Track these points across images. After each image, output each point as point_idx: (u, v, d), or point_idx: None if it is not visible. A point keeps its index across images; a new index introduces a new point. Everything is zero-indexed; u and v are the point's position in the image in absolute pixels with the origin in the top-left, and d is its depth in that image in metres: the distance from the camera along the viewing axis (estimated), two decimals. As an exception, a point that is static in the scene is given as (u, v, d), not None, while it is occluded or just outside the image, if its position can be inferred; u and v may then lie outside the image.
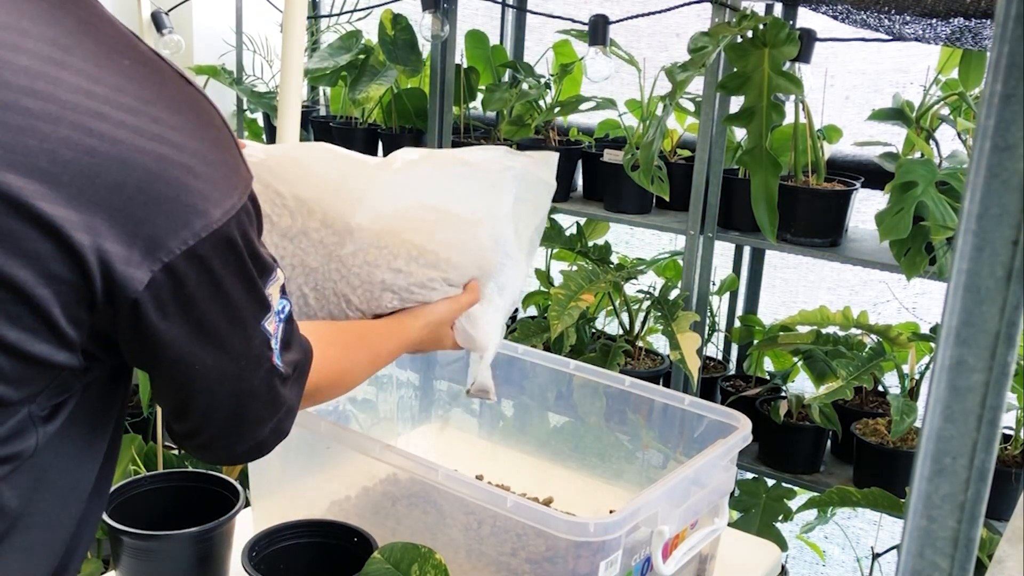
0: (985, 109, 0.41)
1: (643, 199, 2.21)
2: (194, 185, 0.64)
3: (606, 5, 2.51)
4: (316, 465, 1.28)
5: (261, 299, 0.73)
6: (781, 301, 2.57)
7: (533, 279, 2.56)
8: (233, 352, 0.72)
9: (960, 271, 0.43)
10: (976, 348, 0.43)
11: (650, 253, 2.57)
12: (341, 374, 0.95)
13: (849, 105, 2.36)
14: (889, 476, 1.90)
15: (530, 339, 2.06)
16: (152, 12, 2.62)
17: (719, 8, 1.95)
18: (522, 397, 1.51)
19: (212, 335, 0.70)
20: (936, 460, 0.44)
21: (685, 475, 1.12)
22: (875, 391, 2.13)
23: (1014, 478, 1.79)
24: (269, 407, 0.78)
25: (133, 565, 1.08)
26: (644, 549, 1.09)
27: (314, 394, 0.88)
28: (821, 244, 2.01)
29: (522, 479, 1.43)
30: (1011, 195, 0.41)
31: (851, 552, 2.39)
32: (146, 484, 1.16)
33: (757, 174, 1.91)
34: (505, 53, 2.58)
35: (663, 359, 2.20)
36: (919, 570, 0.46)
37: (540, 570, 1.06)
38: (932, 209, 1.73)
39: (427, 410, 1.59)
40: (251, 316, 0.72)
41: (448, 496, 1.11)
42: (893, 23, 1.74)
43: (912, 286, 2.21)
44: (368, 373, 1.03)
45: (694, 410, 1.31)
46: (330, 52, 2.56)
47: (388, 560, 1.00)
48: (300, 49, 1.58)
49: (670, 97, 1.90)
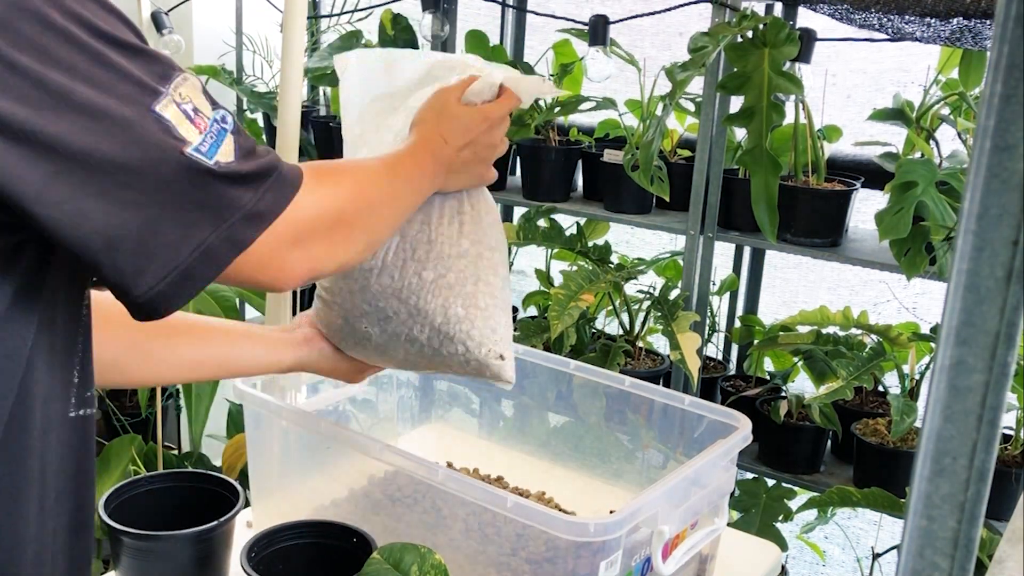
0: (985, 109, 0.41)
1: (643, 199, 2.21)
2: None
3: (607, 5, 2.51)
4: (316, 465, 1.28)
5: (124, 73, 0.67)
6: (781, 301, 2.57)
7: (533, 279, 2.56)
8: (106, 126, 0.66)
9: (960, 271, 0.43)
10: (976, 348, 0.43)
11: (650, 253, 2.57)
12: (363, 195, 0.86)
13: (849, 105, 2.36)
14: (889, 476, 1.90)
15: (530, 339, 2.06)
16: (152, 12, 2.62)
17: (719, 8, 1.95)
18: (522, 397, 1.51)
19: (62, 96, 0.64)
20: (936, 460, 0.44)
21: (685, 475, 1.12)
22: (875, 391, 2.13)
23: (1014, 478, 1.79)
24: (205, 209, 0.70)
25: (133, 565, 1.08)
26: (644, 549, 1.09)
27: (340, 220, 0.82)
28: (821, 244, 2.01)
29: (522, 479, 1.43)
30: (1011, 195, 0.41)
31: (851, 552, 2.39)
32: (146, 484, 1.16)
33: (757, 174, 1.91)
34: (505, 53, 2.58)
35: (663, 359, 2.20)
36: (919, 570, 0.46)
37: (540, 570, 1.06)
38: (932, 209, 1.73)
39: (427, 410, 1.59)
40: (116, 90, 0.66)
41: (448, 496, 1.11)
42: (893, 23, 1.74)
43: (912, 286, 2.21)
44: (402, 200, 0.93)
45: (694, 410, 1.31)
46: (330, 52, 2.56)
47: (387, 560, 1.00)
48: (300, 49, 1.58)
49: (670, 97, 1.90)
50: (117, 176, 0.66)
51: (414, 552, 1.00)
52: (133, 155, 0.66)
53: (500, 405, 1.58)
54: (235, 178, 0.72)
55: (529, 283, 2.68)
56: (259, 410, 1.26)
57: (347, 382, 1.22)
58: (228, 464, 1.85)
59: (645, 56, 2.26)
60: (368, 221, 0.87)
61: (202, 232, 0.70)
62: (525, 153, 2.37)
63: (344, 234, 0.83)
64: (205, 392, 2.17)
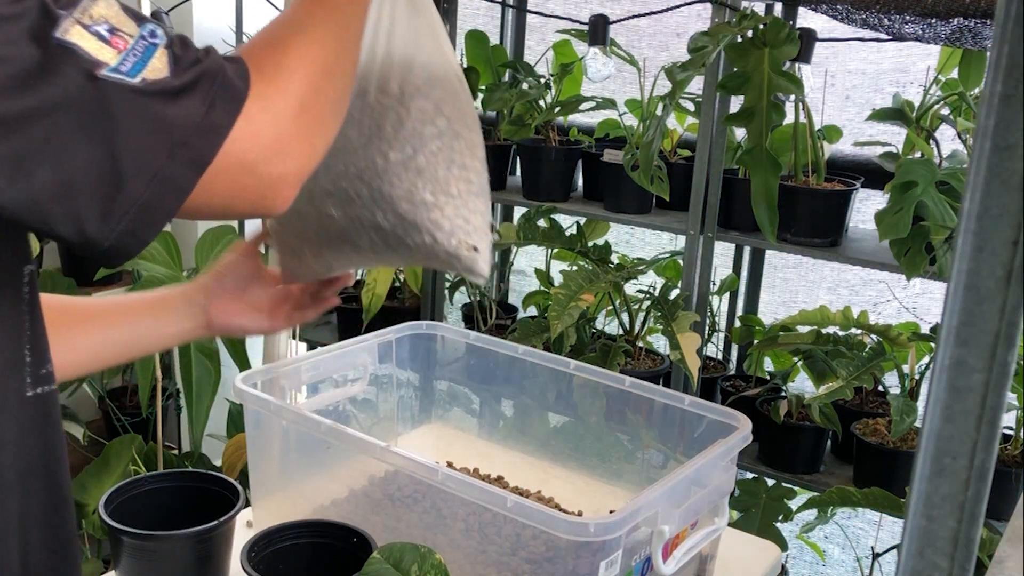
0: (985, 109, 0.41)
1: (643, 199, 2.21)
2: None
3: (606, 5, 2.51)
4: (316, 465, 1.28)
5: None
6: (781, 301, 2.57)
7: (533, 279, 2.56)
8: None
9: (960, 271, 0.43)
10: (976, 348, 0.43)
11: (650, 253, 2.57)
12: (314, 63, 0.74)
13: (849, 105, 2.36)
14: (889, 476, 1.90)
15: (530, 339, 2.06)
16: (152, 12, 2.62)
17: (719, 8, 1.95)
18: (522, 397, 1.51)
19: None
20: (936, 460, 0.44)
21: (685, 475, 1.12)
22: (875, 391, 2.13)
23: (1014, 478, 1.79)
24: (150, 133, 0.64)
25: (133, 565, 1.08)
26: (644, 549, 1.09)
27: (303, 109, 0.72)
28: (821, 244, 2.01)
29: (522, 479, 1.43)
30: (1011, 195, 0.41)
31: (851, 552, 2.39)
32: (146, 484, 1.16)
33: (757, 174, 1.91)
34: (505, 53, 2.58)
35: (663, 359, 2.20)
36: (919, 570, 0.46)
37: (540, 570, 1.06)
38: (932, 209, 1.73)
39: (427, 410, 1.59)
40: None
41: (448, 496, 1.11)
42: (893, 23, 1.74)
43: (912, 286, 2.21)
44: (349, 24, 0.80)
45: (694, 410, 1.31)
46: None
47: (388, 560, 1.00)
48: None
49: (670, 97, 1.90)
50: (42, 122, 0.61)
51: (414, 552, 1.00)
52: (48, 95, 0.61)
53: (500, 405, 1.58)
54: (172, 93, 0.65)
55: (529, 283, 2.68)
56: (259, 410, 1.26)
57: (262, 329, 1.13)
58: (228, 464, 1.86)
59: (643, 57, 2.26)
60: (330, 87, 0.76)
61: (156, 158, 0.64)
62: (525, 153, 2.37)
63: (314, 118, 0.74)
64: (205, 392, 2.17)
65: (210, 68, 0.67)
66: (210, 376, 2.18)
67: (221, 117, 0.67)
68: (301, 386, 1.37)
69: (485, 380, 1.55)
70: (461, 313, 2.61)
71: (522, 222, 2.22)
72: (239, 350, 2.21)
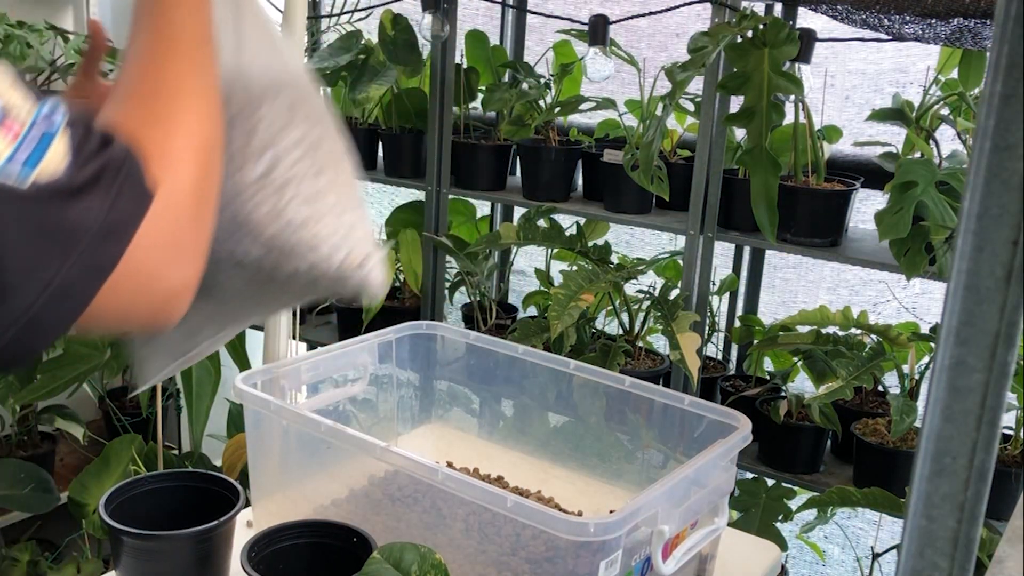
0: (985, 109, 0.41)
1: (643, 199, 2.22)
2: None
3: (606, 5, 2.51)
4: (316, 465, 1.28)
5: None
6: (781, 301, 2.57)
7: (533, 279, 2.56)
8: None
9: (960, 271, 0.43)
10: (976, 348, 0.43)
11: (650, 253, 2.57)
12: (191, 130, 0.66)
13: (849, 105, 2.36)
14: (889, 476, 1.90)
15: (530, 339, 2.06)
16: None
17: (719, 8, 1.95)
18: (522, 397, 1.51)
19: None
20: (936, 460, 0.44)
21: (685, 475, 1.12)
22: (875, 391, 2.13)
23: (1014, 478, 1.79)
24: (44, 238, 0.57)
25: (133, 565, 1.08)
26: (644, 549, 1.09)
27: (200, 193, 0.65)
28: (821, 244, 2.01)
29: (522, 479, 1.43)
30: (1011, 195, 0.41)
31: (851, 552, 2.39)
32: (146, 484, 1.16)
33: (757, 174, 1.91)
34: (505, 53, 2.58)
35: (663, 359, 2.20)
36: (919, 570, 0.46)
37: (540, 570, 1.06)
38: (932, 209, 1.73)
39: (427, 410, 1.59)
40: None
41: (448, 496, 1.11)
42: (893, 23, 1.74)
43: (912, 286, 2.21)
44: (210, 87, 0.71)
45: (694, 410, 1.31)
46: (330, 52, 2.56)
47: (388, 560, 1.00)
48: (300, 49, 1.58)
49: (670, 97, 1.90)
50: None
51: (414, 552, 1.00)
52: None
53: (500, 405, 1.58)
54: (70, 193, 0.57)
55: (529, 283, 2.68)
56: (259, 410, 1.26)
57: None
58: (228, 464, 1.86)
59: (642, 57, 2.26)
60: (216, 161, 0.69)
61: (50, 266, 0.57)
62: (525, 153, 2.37)
63: (208, 207, 0.67)
64: (205, 392, 2.18)
65: (114, 158, 0.60)
66: (210, 376, 2.18)
67: (125, 217, 0.60)
68: (301, 386, 1.37)
69: (485, 380, 1.55)
70: (461, 313, 2.61)
71: (522, 222, 2.22)
72: (239, 350, 2.21)
